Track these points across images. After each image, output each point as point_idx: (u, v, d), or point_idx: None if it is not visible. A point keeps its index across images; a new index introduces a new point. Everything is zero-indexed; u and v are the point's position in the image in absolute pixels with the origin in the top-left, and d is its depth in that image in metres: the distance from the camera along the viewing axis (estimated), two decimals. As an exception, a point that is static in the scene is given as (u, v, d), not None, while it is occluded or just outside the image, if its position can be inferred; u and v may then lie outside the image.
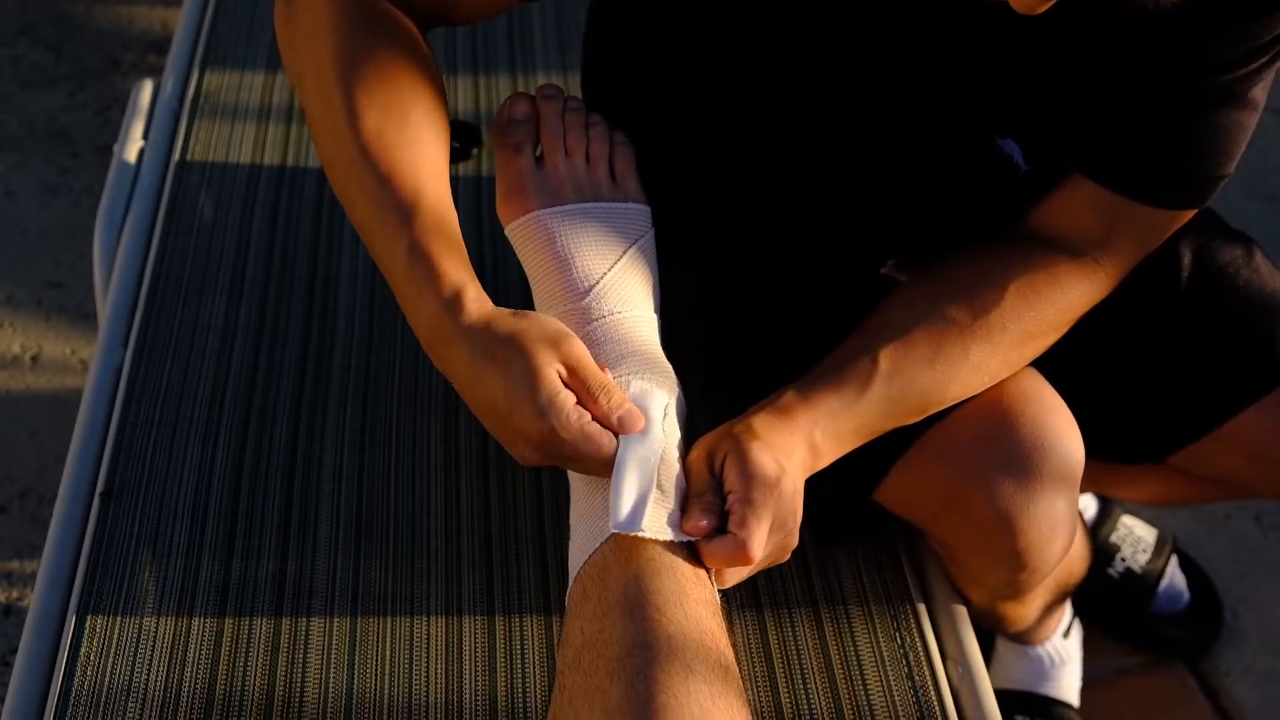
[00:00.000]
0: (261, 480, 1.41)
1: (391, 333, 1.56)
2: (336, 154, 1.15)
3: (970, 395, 1.23)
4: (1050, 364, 1.28)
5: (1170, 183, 1.20)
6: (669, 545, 1.06)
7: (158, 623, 1.28)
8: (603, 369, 1.12)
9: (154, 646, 1.27)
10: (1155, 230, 1.24)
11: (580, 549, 1.09)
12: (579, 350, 1.08)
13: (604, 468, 1.07)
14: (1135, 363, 1.46)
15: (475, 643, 1.29)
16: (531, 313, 1.11)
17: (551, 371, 1.06)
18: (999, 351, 1.22)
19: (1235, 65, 1.12)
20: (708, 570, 1.08)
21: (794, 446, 1.13)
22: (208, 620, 1.29)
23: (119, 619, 1.29)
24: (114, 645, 1.26)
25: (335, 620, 1.30)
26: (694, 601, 1.03)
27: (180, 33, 2.01)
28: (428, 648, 1.28)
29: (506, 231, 1.27)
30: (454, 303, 1.09)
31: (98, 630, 1.28)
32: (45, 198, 2.60)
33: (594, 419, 1.07)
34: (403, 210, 1.11)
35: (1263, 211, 2.59)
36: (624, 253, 1.25)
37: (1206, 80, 1.13)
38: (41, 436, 2.19)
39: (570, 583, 1.08)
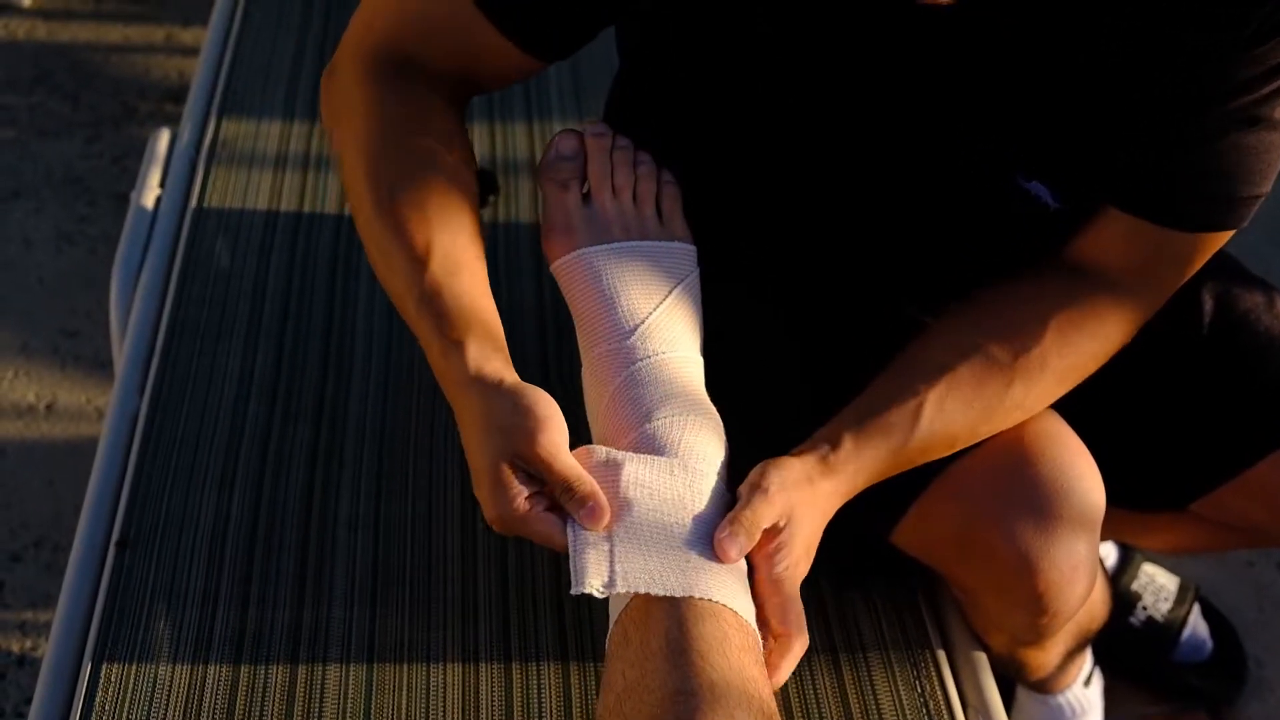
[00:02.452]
0: (277, 528, 1.40)
1: (408, 381, 1.55)
2: (363, 224, 1.21)
3: (999, 431, 1.23)
4: (1073, 410, 1.28)
5: (1201, 206, 1.18)
6: (709, 595, 1.05)
7: (173, 672, 1.27)
8: (587, 454, 1.12)
9: (169, 696, 1.26)
10: (1191, 255, 1.22)
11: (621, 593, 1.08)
12: (545, 450, 1.07)
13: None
14: (1157, 409, 1.45)
15: (492, 692, 1.28)
16: (510, 388, 1.10)
17: (505, 466, 1.07)
18: (1037, 389, 1.21)
19: (1254, 86, 1.11)
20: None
21: (830, 502, 1.14)
22: (223, 669, 1.28)
23: (134, 668, 1.28)
24: (129, 695, 1.25)
25: (351, 670, 1.29)
26: (736, 648, 1.02)
27: (197, 81, 2.02)
28: (444, 697, 1.27)
29: (552, 269, 1.27)
30: (454, 355, 1.12)
31: (112, 680, 1.27)
32: (62, 246, 2.61)
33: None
34: (415, 261, 1.15)
35: (1283, 257, 2.59)
36: (670, 292, 1.24)
37: (1227, 102, 1.12)
38: (57, 485, 2.19)
39: (611, 626, 1.07)
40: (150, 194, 1.81)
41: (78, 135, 2.86)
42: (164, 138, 1.91)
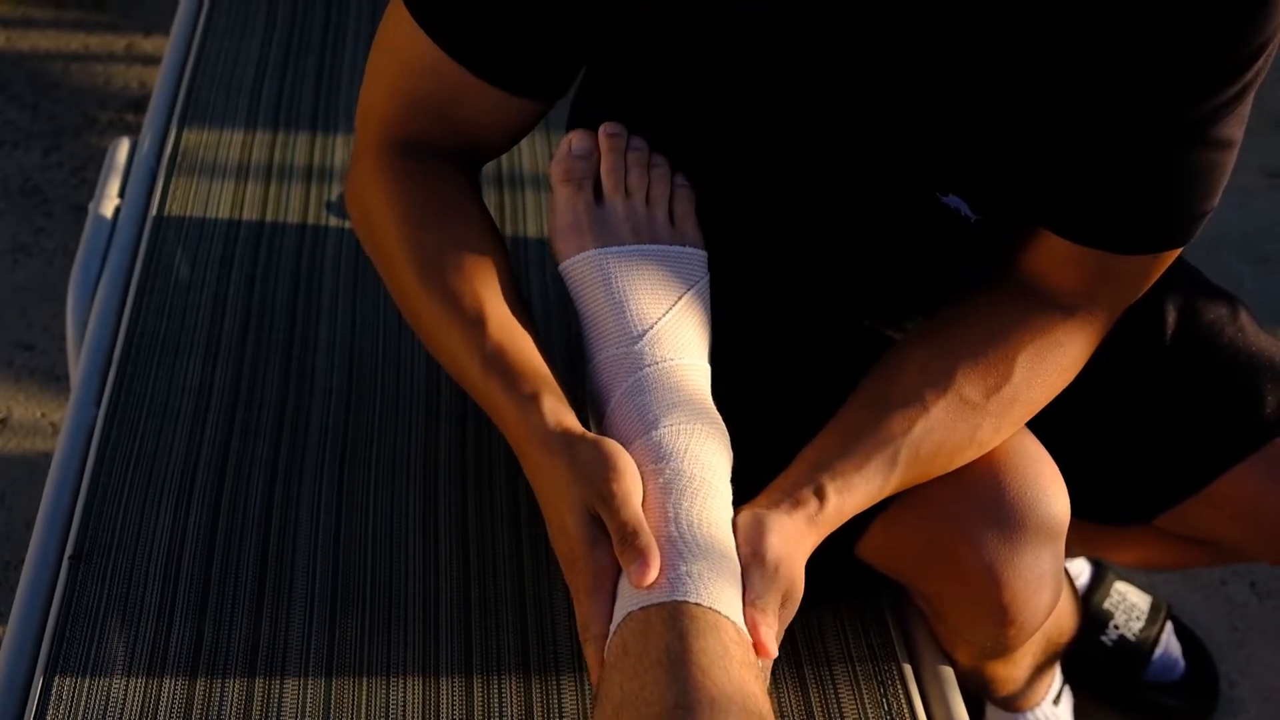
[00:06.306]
0: (235, 544, 1.38)
1: (370, 395, 1.53)
2: (412, 304, 1.24)
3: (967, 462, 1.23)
4: (1038, 424, 1.28)
5: (1143, 229, 1.18)
6: (713, 605, 1.04)
7: (127, 689, 1.25)
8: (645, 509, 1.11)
9: (122, 713, 1.23)
10: (1141, 274, 1.23)
11: (622, 604, 1.07)
12: (619, 491, 1.09)
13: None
14: (1121, 423, 1.46)
15: (452, 710, 1.26)
16: (591, 439, 1.12)
17: (584, 515, 1.09)
18: (1006, 424, 1.22)
19: (1212, 114, 1.10)
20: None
21: (811, 546, 1.14)
22: (178, 686, 1.26)
23: (86, 684, 1.25)
24: (81, 712, 1.23)
25: (309, 687, 1.27)
26: (737, 663, 1.02)
27: (159, 90, 2.00)
28: (404, 714, 1.25)
29: (560, 269, 1.26)
30: (530, 411, 1.14)
31: (64, 696, 1.24)
32: (18, 257, 2.58)
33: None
34: (473, 324, 1.18)
35: (1255, 275, 2.57)
36: (679, 298, 1.24)
37: (1178, 129, 1.11)
38: (10, 501, 2.16)
39: (610, 636, 1.06)
40: (109, 204, 1.79)
41: (36, 145, 2.83)
42: (124, 147, 1.89)
